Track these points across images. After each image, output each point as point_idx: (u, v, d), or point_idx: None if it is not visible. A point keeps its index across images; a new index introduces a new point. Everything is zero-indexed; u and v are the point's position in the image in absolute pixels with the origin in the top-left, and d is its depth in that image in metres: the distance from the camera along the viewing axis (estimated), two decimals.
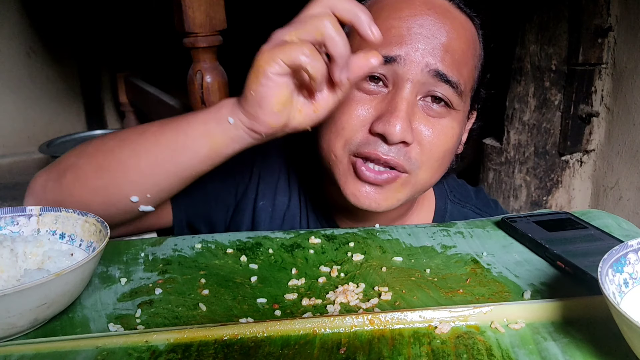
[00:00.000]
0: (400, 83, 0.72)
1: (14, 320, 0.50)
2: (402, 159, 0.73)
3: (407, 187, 0.76)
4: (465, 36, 0.76)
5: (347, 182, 0.76)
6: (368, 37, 0.59)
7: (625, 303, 0.50)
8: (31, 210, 0.65)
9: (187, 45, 1.66)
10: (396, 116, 0.70)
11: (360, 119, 0.73)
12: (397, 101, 0.71)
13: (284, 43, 0.59)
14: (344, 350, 0.50)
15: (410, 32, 0.72)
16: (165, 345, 0.51)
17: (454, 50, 0.73)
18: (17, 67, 3.18)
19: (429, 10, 0.73)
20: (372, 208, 0.75)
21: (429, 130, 0.74)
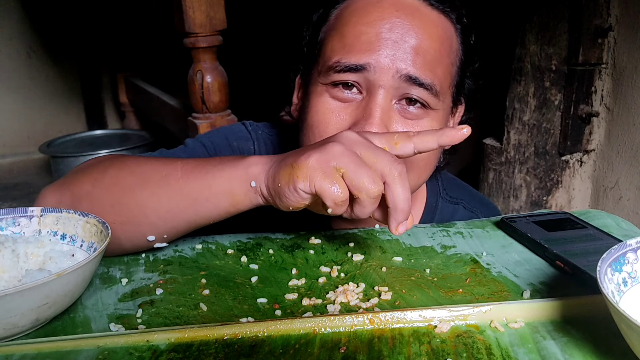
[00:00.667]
0: (372, 90, 0.72)
1: (15, 320, 0.50)
2: None
3: None
4: (437, 34, 0.74)
5: None
6: (392, 230, 0.58)
7: (624, 302, 0.50)
8: (32, 211, 0.66)
9: (188, 45, 1.66)
10: (370, 123, 0.70)
11: (337, 126, 0.73)
12: (370, 108, 0.71)
13: (332, 170, 0.56)
14: (344, 350, 0.51)
15: (380, 38, 0.71)
16: (166, 345, 0.51)
17: (425, 51, 0.72)
18: (17, 67, 3.18)
19: (397, 12, 0.73)
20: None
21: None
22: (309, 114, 0.76)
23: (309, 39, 0.82)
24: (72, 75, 3.38)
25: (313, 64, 0.79)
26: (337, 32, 0.76)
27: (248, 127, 0.95)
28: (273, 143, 0.94)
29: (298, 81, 0.85)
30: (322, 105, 0.74)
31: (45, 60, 3.26)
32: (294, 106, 0.85)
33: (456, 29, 0.78)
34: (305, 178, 0.57)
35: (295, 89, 0.86)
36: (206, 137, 0.93)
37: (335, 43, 0.75)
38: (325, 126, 0.74)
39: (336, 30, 0.76)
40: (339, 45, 0.74)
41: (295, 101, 0.86)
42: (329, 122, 0.74)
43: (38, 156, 3.05)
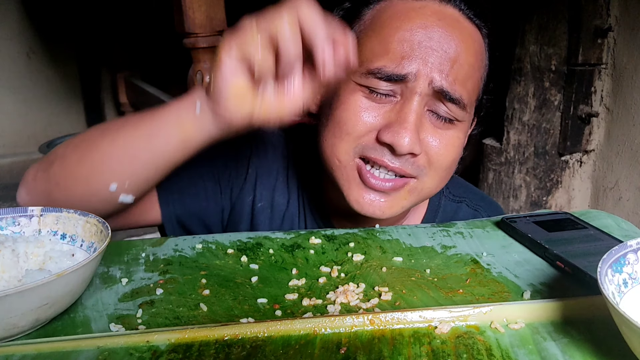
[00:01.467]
0: (409, 95, 0.72)
1: (15, 320, 0.50)
2: (410, 168, 0.74)
3: (413, 194, 0.76)
4: (473, 48, 0.76)
5: (350, 187, 0.76)
6: (318, 69, 0.58)
7: (624, 303, 0.50)
8: (32, 211, 0.65)
9: (187, 45, 1.66)
10: (405, 128, 0.71)
11: (367, 125, 0.73)
12: (405, 112, 0.72)
13: (244, 33, 0.59)
14: (345, 350, 0.51)
15: (422, 46, 0.72)
16: (166, 345, 0.51)
17: (461, 65, 0.73)
18: (17, 68, 3.18)
19: (439, 21, 0.73)
20: (376, 215, 0.75)
21: (436, 141, 0.74)
22: (338, 110, 0.75)
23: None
24: (72, 75, 3.38)
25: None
26: (376, 34, 0.75)
27: None
28: (273, 143, 0.94)
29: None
30: (354, 102, 0.74)
31: (45, 60, 3.26)
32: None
33: (486, 43, 0.79)
34: (225, 48, 0.60)
35: None
36: None
37: (375, 45, 0.74)
38: (355, 124, 0.74)
39: (376, 32, 0.75)
40: (380, 48, 0.74)
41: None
42: (359, 119, 0.74)
43: (38, 156, 3.04)
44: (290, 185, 0.91)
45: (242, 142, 0.92)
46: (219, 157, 0.90)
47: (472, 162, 2.03)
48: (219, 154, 0.90)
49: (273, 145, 0.94)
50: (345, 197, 0.76)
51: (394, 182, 0.74)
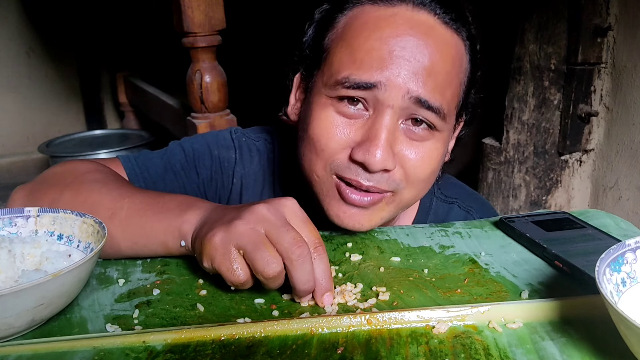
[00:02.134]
0: (380, 108, 0.70)
1: (11, 320, 0.50)
2: (385, 184, 0.72)
3: (392, 205, 0.75)
4: (449, 55, 0.72)
5: (330, 203, 0.74)
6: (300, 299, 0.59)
7: (622, 302, 0.50)
8: (29, 212, 0.65)
9: (187, 45, 1.66)
10: (376, 145, 0.68)
11: (340, 142, 0.71)
12: (377, 128, 0.69)
13: (232, 251, 0.57)
14: (342, 350, 0.50)
15: (392, 56, 0.69)
16: (162, 346, 0.51)
17: (437, 73, 0.71)
18: (16, 67, 3.18)
19: (411, 29, 0.70)
20: (356, 229, 0.74)
21: (412, 153, 0.72)
22: (311, 125, 0.74)
23: (312, 41, 0.80)
24: (72, 75, 3.38)
25: (316, 68, 0.77)
26: (346, 44, 0.73)
27: (233, 134, 0.93)
28: (259, 149, 0.93)
29: (297, 81, 0.83)
30: (326, 119, 0.72)
31: (45, 60, 3.26)
32: (291, 107, 0.83)
33: (466, 45, 0.76)
34: (208, 257, 0.58)
35: (293, 88, 0.84)
36: (189, 142, 0.92)
37: (344, 56, 0.72)
38: (328, 141, 0.72)
39: (345, 42, 0.73)
40: (349, 59, 0.71)
41: (292, 101, 0.84)
42: (331, 136, 0.72)
43: (37, 156, 3.04)
44: (277, 190, 0.91)
45: (227, 150, 0.92)
46: (204, 170, 0.90)
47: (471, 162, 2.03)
48: (205, 167, 0.90)
49: (258, 151, 0.93)
50: (325, 212, 0.75)
51: (372, 197, 0.72)
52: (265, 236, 0.57)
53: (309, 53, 0.80)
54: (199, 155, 0.90)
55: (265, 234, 0.57)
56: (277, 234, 0.57)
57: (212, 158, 0.90)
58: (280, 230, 0.57)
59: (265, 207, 0.59)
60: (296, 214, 0.61)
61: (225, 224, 0.58)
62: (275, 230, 0.57)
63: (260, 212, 0.59)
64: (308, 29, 0.81)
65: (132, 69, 3.33)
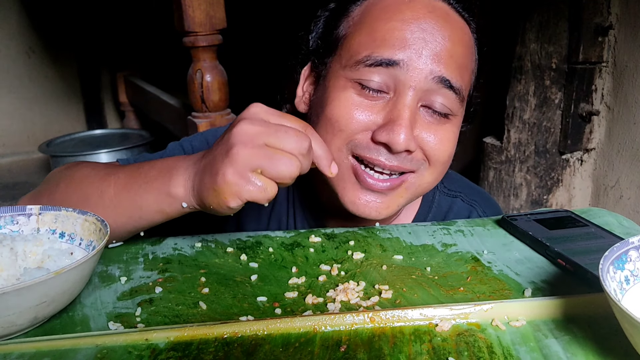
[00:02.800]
0: (402, 90, 0.71)
1: (13, 318, 0.50)
2: (409, 164, 0.73)
3: (410, 190, 0.75)
4: (464, 40, 0.75)
5: (345, 188, 0.74)
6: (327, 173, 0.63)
7: (626, 300, 0.50)
8: (31, 210, 0.65)
9: (187, 44, 1.65)
10: (399, 124, 0.69)
11: (360, 123, 0.72)
12: (399, 109, 0.70)
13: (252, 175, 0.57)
14: (345, 348, 0.50)
15: (414, 36, 0.71)
16: (165, 344, 0.51)
17: (457, 55, 0.73)
18: (16, 67, 3.18)
19: (430, 13, 0.72)
20: (372, 217, 0.74)
21: (431, 136, 0.73)
22: (329, 106, 0.74)
23: (323, 31, 0.80)
24: (72, 74, 3.38)
25: (329, 57, 0.78)
26: (366, 27, 0.74)
27: None
28: None
29: (305, 72, 0.83)
30: (346, 100, 0.73)
31: (45, 60, 3.26)
32: (299, 98, 0.83)
33: (475, 38, 0.78)
34: (234, 196, 0.58)
35: (302, 81, 0.83)
36: (187, 140, 0.92)
37: (363, 37, 0.73)
38: (348, 121, 0.72)
39: (365, 25, 0.74)
40: (369, 39, 0.73)
41: (300, 93, 0.83)
42: (351, 117, 0.72)
43: (38, 156, 3.04)
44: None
45: None
46: None
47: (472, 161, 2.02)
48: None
49: None
50: (339, 198, 0.75)
51: (391, 182, 0.73)
52: (268, 147, 0.58)
53: (321, 43, 0.80)
54: (198, 152, 0.90)
55: (266, 144, 0.58)
56: (277, 139, 0.58)
57: None
58: (277, 136, 0.58)
59: (245, 124, 0.59)
60: (269, 112, 0.61)
61: (226, 158, 0.58)
62: (272, 138, 0.58)
63: (246, 130, 0.58)
64: (317, 23, 0.82)
65: (133, 68, 3.33)
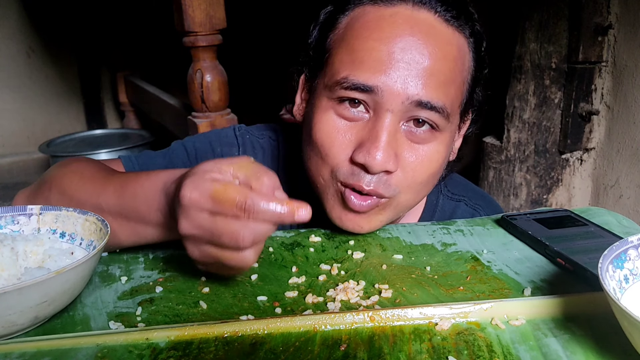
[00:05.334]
0: (380, 111, 0.70)
1: (14, 318, 0.50)
2: (382, 188, 0.71)
3: (388, 209, 0.74)
4: (451, 54, 0.72)
5: (334, 207, 0.75)
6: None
7: (625, 299, 0.50)
8: (31, 210, 0.65)
9: (187, 44, 1.65)
10: (376, 147, 0.68)
11: (342, 147, 0.71)
12: (377, 130, 0.69)
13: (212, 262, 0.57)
14: (345, 347, 0.51)
15: (391, 58, 0.68)
16: (165, 343, 0.51)
17: (439, 72, 0.70)
18: (16, 67, 3.18)
19: (412, 29, 0.69)
20: (356, 231, 0.74)
21: (413, 156, 0.71)
22: (314, 129, 0.74)
23: (316, 41, 0.79)
24: (72, 74, 3.38)
25: (319, 70, 0.77)
26: (346, 45, 0.72)
27: (236, 132, 0.93)
28: (263, 146, 0.92)
29: (302, 81, 0.83)
30: (327, 123, 0.72)
31: (45, 59, 3.26)
32: (297, 106, 0.83)
33: (469, 43, 0.75)
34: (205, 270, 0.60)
35: (299, 89, 0.83)
36: (191, 141, 0.92)
37: (344, 56, 0.72)
38: (330, 145, 0.72)
39: (345, 42, 0.73)
40: (348, 59, 0.71)
41: (298, 101, 0.83)
42: (333, 141, 0.72)
43: (38, 156, 3.04)
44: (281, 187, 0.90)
45: (230, 148, 0.92)
46: None
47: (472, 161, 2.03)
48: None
49: (262, 148, 0.92)
50: (327, 212, 0.75)
51: (371, 201, 0.72)
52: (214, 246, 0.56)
53: (312, 54, 0.80)
54: (201, 153, 0.90)
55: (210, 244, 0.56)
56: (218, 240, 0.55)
57: (215, 156, 0.90)
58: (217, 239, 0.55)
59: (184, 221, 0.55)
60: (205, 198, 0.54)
61: (187, 251, 0.58)
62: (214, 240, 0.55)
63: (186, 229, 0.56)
64: (313, 30, 0.81)
65: (133, 68, 3.33)
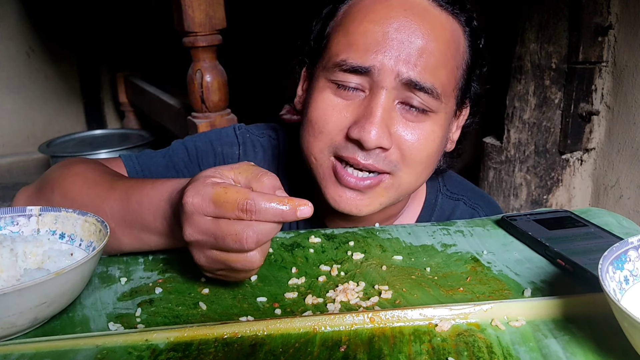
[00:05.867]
0: (375, 90, 0.72)
1: (13, 319, 0.50)
2: (382, 163, 0.72)
3: (391, 190, 0.75)
4: (444, 36, 0.74)
5: (327, 186, 0.75)
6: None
7: (625, 300, 0.50)
8: (31, 211, 0.65)
9: (187, 44, 1.65)
10: (371, 122, 0.70)
11: (337, 123, 0.73)
12: (372, 107, 0.71)
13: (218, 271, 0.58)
14: (345, 349, 0.50)
15: (386, 38, 0.71)
16: (165, 344, 0.51)
17: (429, 54, 0.72)
18: (16, 67, 3.18)
19: (405, 11, 0.72)
20: (353, 213, 0.75)
21: (408, 134, 0.73)
22: (310, 108, 0.76)
23: (317, 33, 0.82)
24: (72, 74, 3.38)
25: (318, 57, 0.79)
26: (343, 28, 0.75)
27: (237, 131, 0.94)
28: (263, 145, 0.93)
29: (304, 73, 0.85)
30: (323, 101, 0.74)
31: (45, 59, 3.26)
32: (298, 98, 0.85)
33: (464, 31, 0.77)
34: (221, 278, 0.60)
35: (301, 81, 0.86)
36: (192, 140, 0.93)
37: (340, 38, 0.75)
38: (325, 123, 0.74)
39: (342, 26, 0.76)
40: (344, 41, 0.74)
41: (299, 93, 0.85)
42: (329, 118, 0.74)
43: (38, 156, 3.04)
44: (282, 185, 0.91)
45: (231, 147, 0.92)
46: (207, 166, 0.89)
47: (472, 161, 2.02)
48: (208, 164, 0.90)
49: (263, 147, 0.93)
50: (324, 195, 0.76)
51: (371, 180, 0.74)
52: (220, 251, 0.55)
53: (313, 44, 0.82)
54: (202, 153, 0.90)
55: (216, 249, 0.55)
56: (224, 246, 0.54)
57: (216, 155, 0.90)
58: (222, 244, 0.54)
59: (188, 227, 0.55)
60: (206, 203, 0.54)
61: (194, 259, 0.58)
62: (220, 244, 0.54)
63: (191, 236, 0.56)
64: (315, 25, 0.83)
65: (133, 68, 3.33)
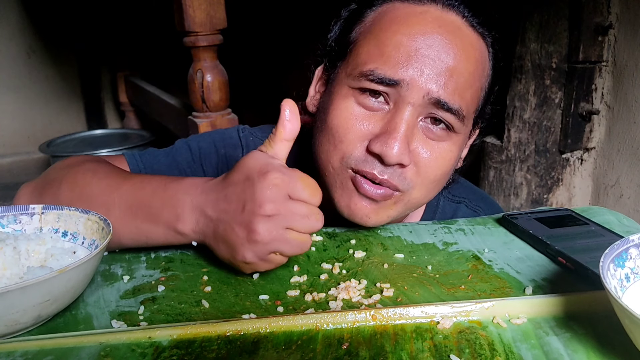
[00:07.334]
0: (401, 104, 0.70)
1: (17, 316, 0.50)
2: (397, 180, 0.72)
3: (400, 204, 0.74)
4: (474, 57, 0.73)
5: (342, 194, 0.74)
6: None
7: (626, 297, 0.50)
8: (34, 209, 0.65)
9: (188, 44, 1.66)
10: (394, 138, 0.69)
11: (358, 134, 0.72)
12: (396, 122, 0.70)
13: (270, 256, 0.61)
14: (347, 346, 0.51)
15: (418, 54, 0.70)
16: (168, 341, 0.51)
17: (459, 73, 0.71)
18: (17, 67, 3.18)
19: (439, 28, 0.71)
20: (363, 222, 0.74)
21: (427, 152, 0.72)
22: (331, 115, 0.74)
23: (339, 35, 0.80)
24: (72, 74, 3.38)
25: (340, 60, 0.78)
26: (374, 37, 0.73)
27: (240, 133, 0.93)
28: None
29: (319, 73, 0.83)
30: (346, 109, 0.73)
31: (45, 60, 3.26)
32: (310, 98, 0.83)
33: (490, 52, 0.77)
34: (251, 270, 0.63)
35: (314, 81, 0.84)
36: (195, 140, 0.92)
37: (371, 48, 0.72)
38: (346, 132, 0.72)
39: (374, 35, 0.73)
40: (376, 51, 0.72)
41: (311, 93, 0.83)
42: (350, 128, 0.72)
43: (38, 156, 3.05)
44: None
45: (234, 149, 0.92)
46: (210, 168, 0.90)
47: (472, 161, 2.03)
48: (211, 165, 0.90)
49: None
50: (335, 202, 0.75)
51: (385, 191, 0.72)
52: (288, 230, 0.60)
53: (335, 45, 0.80)
54: (205, 153, 0.90)
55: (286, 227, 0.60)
56: (297, 224, 0.60)
57: (219, 156, 0.90)
58: (298, 221, 0.60)
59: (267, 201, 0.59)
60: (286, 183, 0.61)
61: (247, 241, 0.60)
62: (293, 223, 0.60)
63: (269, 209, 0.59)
64: (334, 25, 0.82)
65: (133, 68, 3.33)
